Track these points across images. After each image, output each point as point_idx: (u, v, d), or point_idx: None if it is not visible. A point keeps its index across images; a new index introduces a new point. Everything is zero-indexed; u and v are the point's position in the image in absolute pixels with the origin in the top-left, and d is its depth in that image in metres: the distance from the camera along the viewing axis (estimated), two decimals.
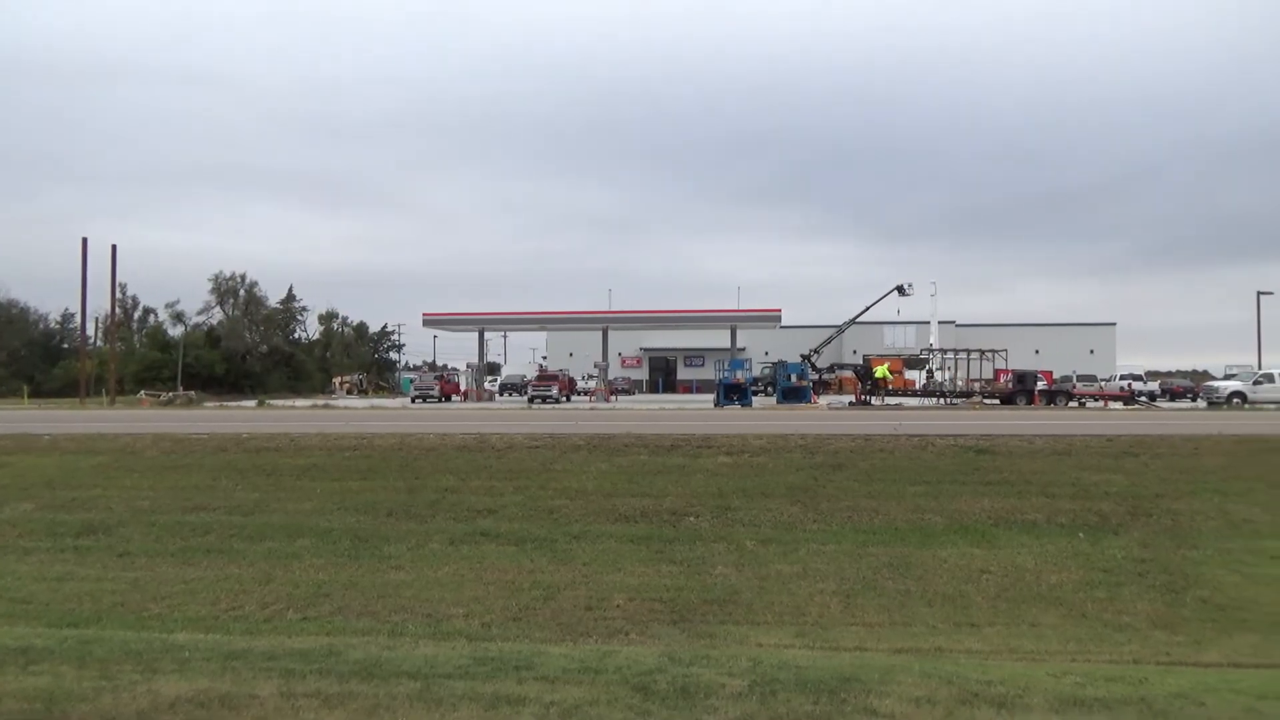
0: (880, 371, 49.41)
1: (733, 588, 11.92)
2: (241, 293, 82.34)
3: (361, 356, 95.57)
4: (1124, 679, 7.28)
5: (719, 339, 61.19)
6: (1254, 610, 11.11)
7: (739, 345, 55.73)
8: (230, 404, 49.20)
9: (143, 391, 55.93)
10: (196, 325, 79.20)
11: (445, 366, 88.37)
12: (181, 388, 59.29)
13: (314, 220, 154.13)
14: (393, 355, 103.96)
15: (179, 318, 79.39)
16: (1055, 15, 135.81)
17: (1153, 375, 70.80)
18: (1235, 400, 41.22)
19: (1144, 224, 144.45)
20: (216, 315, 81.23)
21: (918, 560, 12.78)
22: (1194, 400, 50.42)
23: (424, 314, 56.15)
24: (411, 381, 60.33)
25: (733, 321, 55.33)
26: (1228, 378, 47.25)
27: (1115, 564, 12.66)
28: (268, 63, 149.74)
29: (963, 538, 13.70)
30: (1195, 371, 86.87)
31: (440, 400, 51.62)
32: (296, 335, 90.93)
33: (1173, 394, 56.20)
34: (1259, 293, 57.94)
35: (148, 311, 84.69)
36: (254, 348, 78.13)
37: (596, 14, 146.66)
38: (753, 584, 12.04)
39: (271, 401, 50.48)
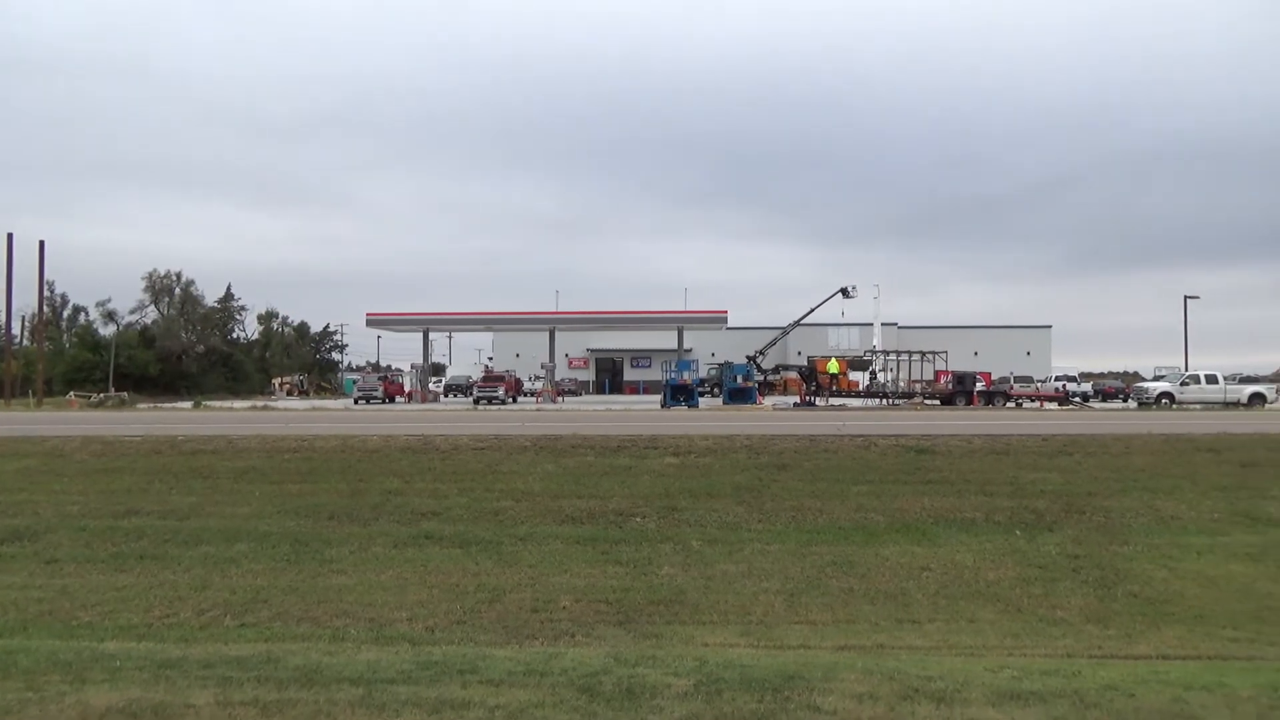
0: (833, 366, 50.27)
1: (679, 588, 11.95)
2: (177, 291, 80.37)
3: (303, 357, 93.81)
4: (1058, 672, 7.48)
5: (666, 340, 61.42)
6: (1180, 604, 11.51)
7: (686, 346, 56.02)
8: (165, 405, 47.82)
9: (72, 393, 54.11)
10: (129, 325, 76.85)
11: (389, 367, 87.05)
12: (113, 389, 57.49)
13: (254, 218, 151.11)
14: (335, 356, 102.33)
15: (111, 317, 76.94)
16: (994, 25, 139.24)
17: (1086, 376, 73.13)
18: (1164, 400, 42.70)
19: (1076, 229, 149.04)
20: (151, 314, 79.13)
21: (860, 559, 12.96)
22: (1125, 401, 51.99)
23: (368, 314, 55.51)
24: (355, 382, 59.35)
25: (679, 323, 55.59)
26: (1157, 379, 48.82)
27: (1050, 560, 12.99)
28: (202, 58, 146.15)
29: (904, 536, 13.93)
30: (1126, 373, 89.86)
31: (384, 401, 50.91)
32: (235, 335, 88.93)
33: (1105, 395, 57.92)
34: (1186, 297, 60.08)
35: (78, 310, 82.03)
36: (190, 348, 75.99)
37: (540, 12, 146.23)
38: (699, 584, 12.08)
39: (209, 403, 49.19)
